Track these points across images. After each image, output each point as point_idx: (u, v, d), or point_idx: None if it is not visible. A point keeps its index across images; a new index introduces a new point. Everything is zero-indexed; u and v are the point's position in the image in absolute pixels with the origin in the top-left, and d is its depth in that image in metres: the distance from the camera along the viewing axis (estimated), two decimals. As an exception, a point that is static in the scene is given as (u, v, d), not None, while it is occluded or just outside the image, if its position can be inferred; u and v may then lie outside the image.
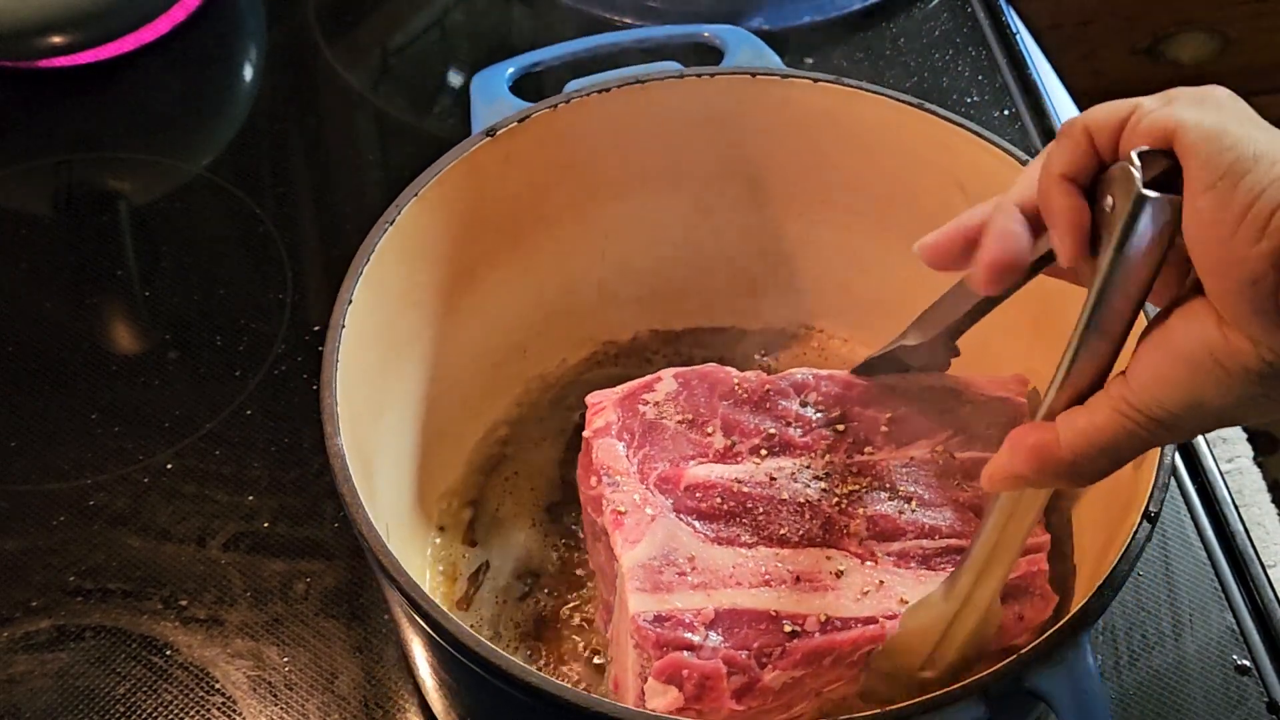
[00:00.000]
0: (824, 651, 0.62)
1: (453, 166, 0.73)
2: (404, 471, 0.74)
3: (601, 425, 0.70)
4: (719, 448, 0.69)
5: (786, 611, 0.63)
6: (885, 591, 0.64)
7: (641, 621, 0.62)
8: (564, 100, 0.76)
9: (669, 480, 0.67)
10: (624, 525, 0.66)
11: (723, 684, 0.61)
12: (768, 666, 0.62)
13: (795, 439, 0.70)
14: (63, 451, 0.85)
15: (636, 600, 0.63)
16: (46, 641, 0.77)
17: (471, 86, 0.80)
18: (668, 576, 0.64)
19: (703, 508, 0.67)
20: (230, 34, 1.13)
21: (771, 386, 0.71)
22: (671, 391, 0.71)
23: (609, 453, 0.68)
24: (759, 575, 0.64)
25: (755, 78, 0.78)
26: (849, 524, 0.67)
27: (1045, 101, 1.03)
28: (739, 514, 0.67)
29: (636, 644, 0.62)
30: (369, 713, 0.74)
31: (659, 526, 0.65)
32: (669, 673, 0.61)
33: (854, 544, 0.66)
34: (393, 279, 0.70)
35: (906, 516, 0.67)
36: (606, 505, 0.67)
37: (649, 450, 0.69)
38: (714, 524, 0.66)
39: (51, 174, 1.02)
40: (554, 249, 0.80)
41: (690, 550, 0.65)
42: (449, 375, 0.77)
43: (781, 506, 0.67)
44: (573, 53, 0.83)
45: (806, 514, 0.67)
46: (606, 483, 0.67)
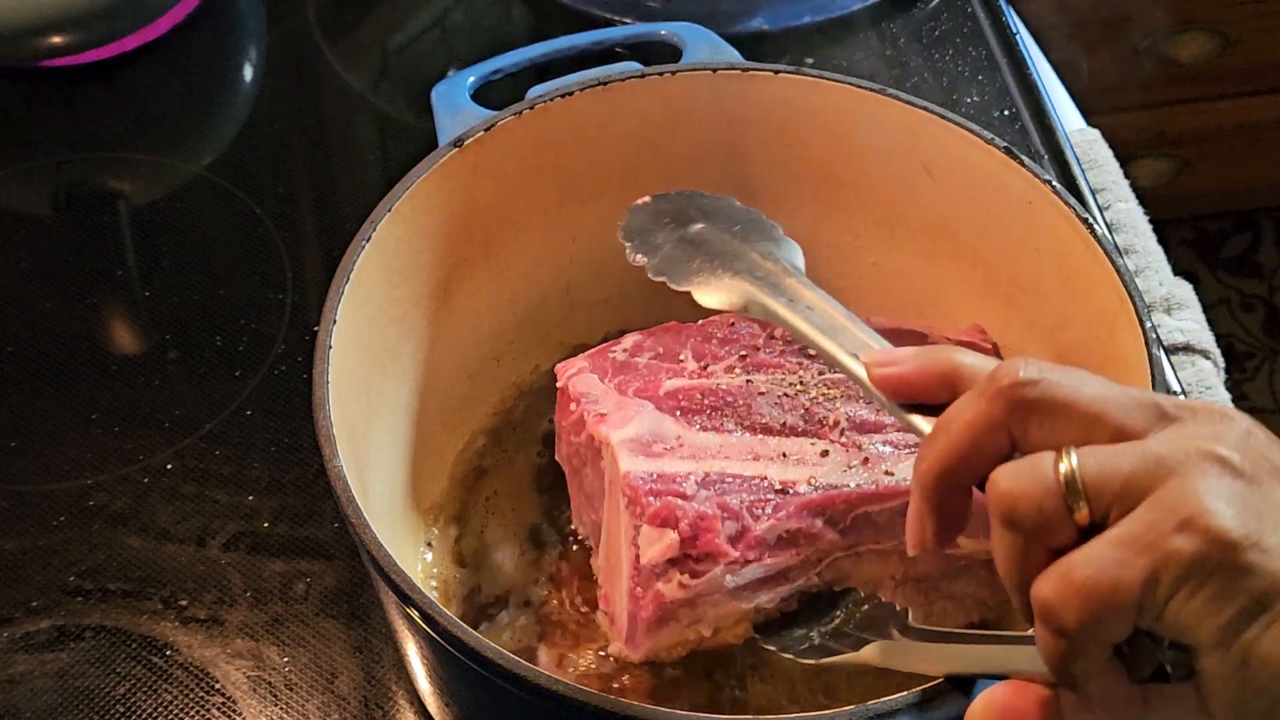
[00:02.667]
0: (816, 507, 0.63)
1: (424, 179, 0.73)
2: (394, 487, 0.75)
3: (574, 372, 0.71)
4: (692, 369, 0.70)
5: (777, 476, 0.64)
6: (871, 465, 0.65)
7: (634, 478, 0.63)
8: (528, 106, 0.76)
9: (645, 390, 0.68)
10: (608, 419, 0.67)
11: (717, 525, 0.62)
12: (760, 518, 0.62)
13: (767, 360, 0.71)
14: (63, 451, 0.85)
15: (628, 462, 0.64)
16: (46, 641, 0.77)
17: (433, 98, 0.80)
18: (657, 448, 0.65)
19: (684, 405, 0.68)
20: (230, 34, 1.13)
21: (736, 320, 0.73)
22: (638, 340, 0.73)
23: (584, 382, 0.70)
24: (748, 450, 0.65)
25: (716, 73, 0.78)
26: (828, 416, 0.67)
27: (1045, 101, 1.03)
28: (720, 408, 0.68)
29: (629, 501, 0.63)
30: (369, 713, 0.74)
31: (646, 415, 0.66)
32: (663, 515, 0.62)
33: (835, 433, 0.67)
34: (373, 295, 0.71)
35: (884, 417, 0.68)
36: (588, 414, 0.67)
37: (624, 377, 0.70)
38: (697, 416, 0.67)
39: (51, 174, 1.02)
40: (524, 255, 0.81)
41: (677, 432, 0.66)
42: (430, 387, 0.77)
43: (761, 400, 0.68)
44: (531, 58, 0.84)
45: (786, 406, 0.68)
46: (586, 403, 0.68)
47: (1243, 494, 0.43)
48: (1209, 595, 0.42)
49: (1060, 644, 0.44)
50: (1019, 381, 0.46)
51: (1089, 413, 0.46)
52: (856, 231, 0.81)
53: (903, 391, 0.53)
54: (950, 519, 0.49)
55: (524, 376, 0.84)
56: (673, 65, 0.79)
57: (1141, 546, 0.42)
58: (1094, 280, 0.69)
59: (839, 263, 0.82)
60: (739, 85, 0.78)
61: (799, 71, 0.78)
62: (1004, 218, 0.74)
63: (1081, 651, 0.44)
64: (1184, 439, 0.44)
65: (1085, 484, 0.44)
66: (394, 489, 0.75)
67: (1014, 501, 0.45)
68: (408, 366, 0.75)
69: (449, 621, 0.57)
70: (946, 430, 0.48)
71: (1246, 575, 0.42)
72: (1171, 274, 0.97)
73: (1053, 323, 0.73)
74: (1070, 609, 0.43)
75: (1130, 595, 0.42)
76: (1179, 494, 0.43)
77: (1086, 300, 0.70)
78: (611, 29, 0.87)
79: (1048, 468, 0.45)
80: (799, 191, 0.81)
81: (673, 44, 0.84)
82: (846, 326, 0.58)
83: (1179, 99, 1.68)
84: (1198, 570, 0.42)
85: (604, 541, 0.69)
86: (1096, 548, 0.43)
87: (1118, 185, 1.02)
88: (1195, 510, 0.42)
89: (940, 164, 0.75)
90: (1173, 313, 0.94)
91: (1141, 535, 0.42)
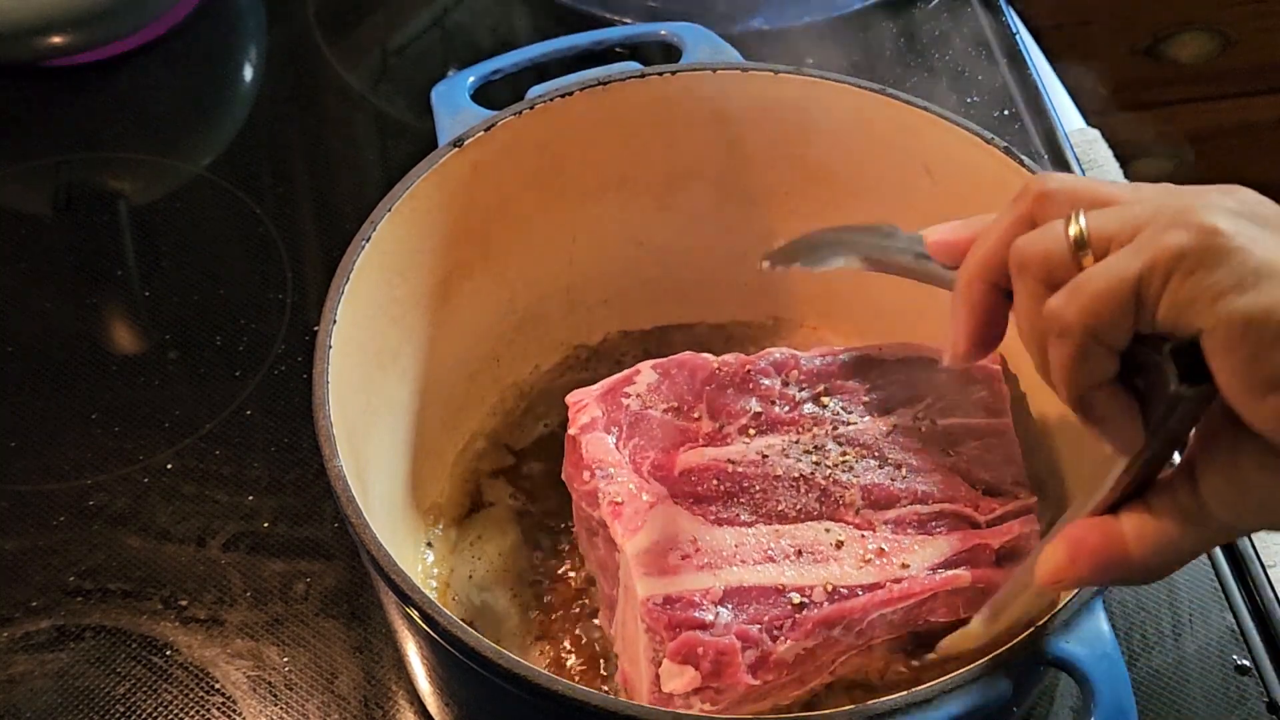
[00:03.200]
0: (833, 620, 0.63)
1: (424, 179, 0.73)
2: (394, 486, 0.75)
3: (587, 421, 0.70)
4: (707, 431, 0.70)
5: (792, 584, 0.64)
6: (887, 558, 0.65)
7: (652, 605, 0.62)
8: (527, 106, 0.76)
9: (662, 467, 0.68)
10: (623, 515, 0.66)
11: (738, 659, 0.62)
12: (779, 639, 0.62)
13: (781, 416, 0.70)
14: (63, 451, 0.85)
15: (644, 585, 0.63)
16: (46, 641, 0.77)
17: (433, 98, 0.80)
18: (673, 560, 0.64)
19: (699, 491, 0.67)
20: (230, 34, 1.13)
21: (751, 367, 0.72)
22: (652, 382, 0.72)
23: (599, 446, 0.69)
24: (762, 551, 0.65)
25: (715, 73, 0.78)
26: (843, 494, 0.68)
27: (1045, 101, 1.03)
28: (735, 494, 0.67)
29: (648, 628, 0.63)
30: (369, 712, 0.74)
31: (658, 512, 0.66)
32: (684, 652, 0.61)
33: (850, 514, 0.67)
34: (373, 295, 0.71)
35: (899, 484, 0.68)
36: (602, 497, 0.67)
37: (638, 440, 0.69)
38: (712, 505, 0.67)
39: (51, 174, 1.02)
40: (523, 255, 0.81)
41: (692, 533, 0.66)
42: (430, 388, 0.77)
43: (776, 483, 0.68)
44: (531, 58, 0.84)
45: (801, 488, 0.68)
46: (600, 475, 0.68)
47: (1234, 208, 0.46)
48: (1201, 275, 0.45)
49: (1066, 349, 0.47)
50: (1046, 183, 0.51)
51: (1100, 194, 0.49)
52: (856, 231, 0.81)
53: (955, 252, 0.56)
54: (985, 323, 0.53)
55: (524, 376, 0.84)
56: (672, 65, 0.79)
57: (1139, 251, 0.46)
58: (1094, 280, 0.69)
59: (838, 263, 0.82)
60: (739, 85, 0.78)
61: (799, 71, 0.78)
62: (1004, 218, 0.74)
63: (1087, 354, 0.47)
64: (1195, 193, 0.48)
65: (1091, 233, 0.48)
66: (394, 489, 0.75)
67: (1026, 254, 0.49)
68: (408, 366, 0.75)
69: (449, 621, 0.57)
70: (984, 235, 0.52)
71: (1238, 254, 0.44)
72: (1171, 274, 0.97)
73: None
74: (1073, 309, 0.46)
75: (1127, 286, 0.45)
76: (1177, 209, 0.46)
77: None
78: (611, 29, 0.87)
79: (1059, 228, 0.48)
80: (799, 191, 0.81)
81: (672, 44, 0.84)
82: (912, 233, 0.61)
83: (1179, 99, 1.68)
84: (1189, 255, 0.45)
85: (622, 645, 0.69)
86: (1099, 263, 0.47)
87: (1117, 185, 1.02)
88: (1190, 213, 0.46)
89: (940, 164, 0.75)
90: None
91: (1140, 243, 0.46)
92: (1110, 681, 0.55)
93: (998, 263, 0.51)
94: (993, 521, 0.68)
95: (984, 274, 0.52)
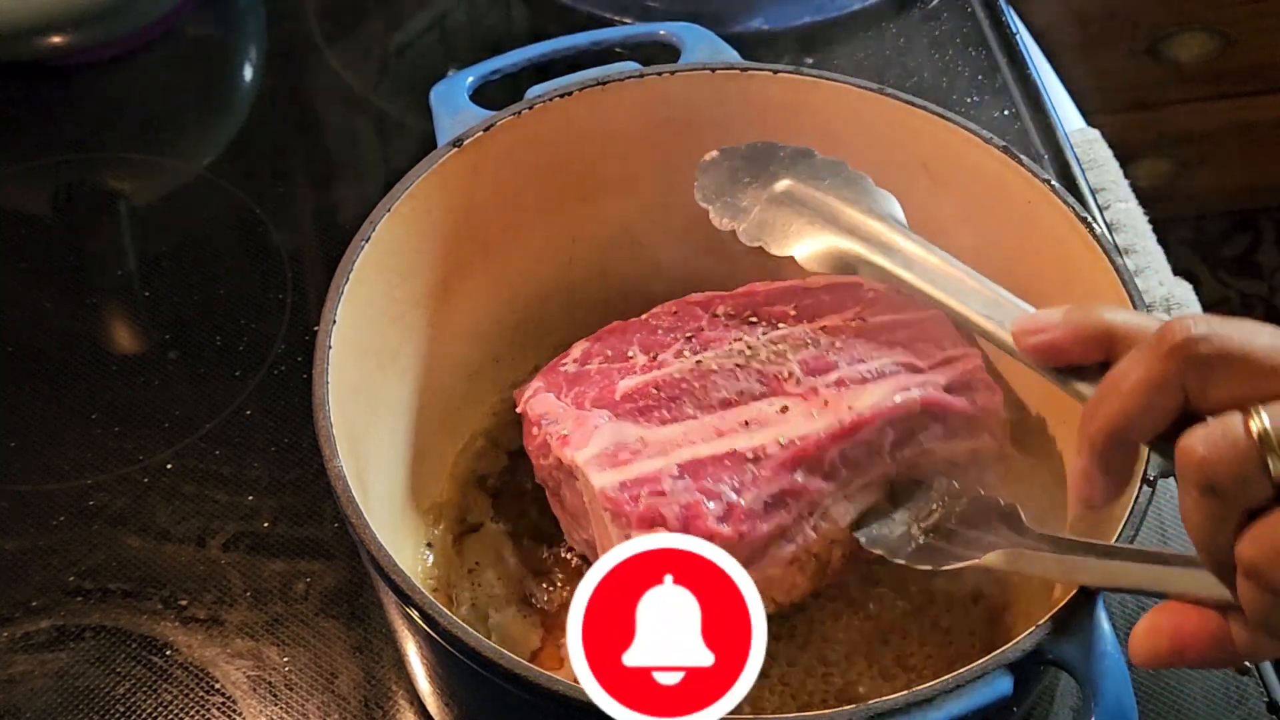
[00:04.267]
0: (791, 462, 0.64)
1: (423, 179, 0.73)
2: (394, 486, 0.75)
3: (530, 395, 0.71)
4: (642, 364, 0.70)
5: (745, 446, 0.64)
6: (832, 406, 0.66)
7: (609, 490, 0.63)
8: (527, 106, 0.76)
9: (602, 398, 0.69)
10: (570, 440, 0.67)
11: (703, 509, 0.62)
12: (741, 491, 0.63)
13: (713, 336, 0.71)
14: (63, 451, 0.85)
15: (599, 478, 0.64)
16: (46, 641, 0.77)
17: (432, 98, 0.80)
18: (623, 456, 0.65)
19: (641, 405, 0.68)
20: (230, 34, 1.13)
21: (679, 308, 0.74)
22: (585, 348, 0.73)
23: (542, 403, 0.70)
24: (710, 431, 0.66)
25: (715, 73, 0.78)
26: (781, 370, 0.68)
27: (1045, 101, 1.03)
28: (677, 397, 0.68)
29: (611, 516, 0.63)
30: (369, 712, 0.74)
31: (605, 428, 0.67)
32: (649, 517, 0.62)
33: (792, 385, 0.67)
34: (373, 296, 0.71)
35: (834, 355, 0.69)
36: (551, 439, 0.67)
37: (579, 389, 0.70)
38: (656, 412, 0.67)
39: (51, 174, 1.02)
40: (523, 255, 0.81)
41: (639, 435, 0.66)
42: (430, 388, 0.77)
43: (714, 377, 0.68)
44: (530, 58, 0.84)
45: (739, 376, 0.68)
46: (546, 424, 0.68)
47: None
48: None
49: (1269, 600, 0.45)
50: (1192, 337, 0.46)
51: (1265, 365, 0.45)
52: (856, 231, 0.81)
53: (1056, 358, 0.53)
54: (1118, 475, 0.50)
55: (524, 376, 0.84)
56: (671, 65, 0.79)
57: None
58: (1094, 280, 0.69)
59: (838, 262, 0.82)
60: (738, 85, 0.78)
61: (799, 71, 0.78)
62: (1004, 218, 0.74)
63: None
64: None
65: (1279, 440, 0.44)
66: (394, 489, 0.75)
67: (1211, 466, 0.45)
68: (407, 366, 0.75)
69: (449, 621, 0.57)
70: (1117, 390, 0.48)
71: None
72: (1171, 274, 0.97)
73: (1052, 323, 0.73)
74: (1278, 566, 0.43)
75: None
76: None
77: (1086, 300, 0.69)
78: (610, 29, 0.87)
79: (1239, 429, 0.44)
80: (797, 191, 0.81)
81: (671, 44, 0.84)
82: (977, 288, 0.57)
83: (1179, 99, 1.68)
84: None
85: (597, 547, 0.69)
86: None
87: (1118, 185, 1.02)
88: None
89: (940, 163, 0.75)
90: (1172, 313, 0.94)
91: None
92: (1111, 681, 0.55)
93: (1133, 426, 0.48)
94: (935, 365, 0.69)
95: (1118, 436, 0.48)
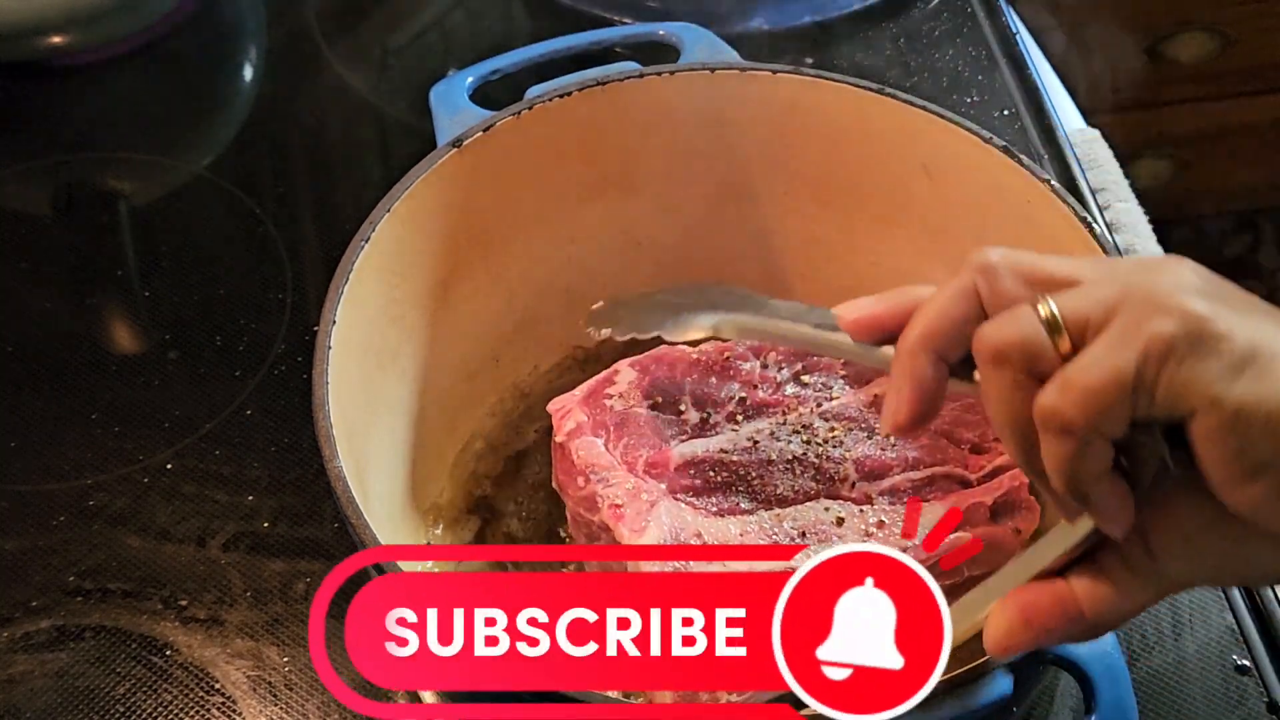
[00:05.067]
0: None
1: (423, 180, 0.73)
2: (394, 487, 0.75)
3: (573, 427, 0.70)
4: (694, 422, 0.70)
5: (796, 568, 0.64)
6: (887, 530, 0.67)
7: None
8: (526, 107, 0.76)
9: (656, 465, 0.68)
10: (625, 517, 0.66)
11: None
12: None
13: (766, 399, 0.71)
14: (63, 451, 0.85)
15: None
16: (46, 641, 0.77)
17: (432, 98, 0.80)
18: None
19: (697, 485, 0.68)
20: (230, 34, 1.13)
21: (729, 353, 0.73)
22: (633, 379, 0.72)
23: (590, 450, 0.69)
24: (767, 537, 0.66)
25: (715, 73, 0.78)
26: (837, 470, 0.69)
27: (1045, 101, 1.03)
28: (733, 483, 0.68)
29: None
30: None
31: (660, 510, 0.66)
32: None
33: (846, 489, 0.68)
34: (373, 296, 0.71)
35: (889, 453, 0.70)
36: (601, 501, 0.67)
37: (628, 440, 0.70)
38: (712, 498, 0.68)
39: (51, 174, 1.02)
40: (523, 256, 0.81)
41: (696, 527, 0.66)
42: (430, 388, 0.77)
43: (771, 467, 0.69)
44: (530, 58, 0.84)
45: (796, 469, 0.69)
46: (596, 480, 0.68)
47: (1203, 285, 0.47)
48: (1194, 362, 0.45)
49: (1067, 446, 0.47)
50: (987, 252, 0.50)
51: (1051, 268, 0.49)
52: (855, 231, 0.81)
53: (875, 329, 0.54)
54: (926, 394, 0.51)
55: (523, 377, 0.84)
56: (671, 65, 0.79)
57: (1127, 339, 0.46)
58: (1094, 280, 0.69)
59: (837, 262, 0.82)
60: (737, 85, 0.78)
61: (798, 71, 0.78)
62: (1003, 218, 0.74)
63: (1087, 448, 0.47)
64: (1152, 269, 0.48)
65: (1065, 317, 0.47)
66: (394, 489, 0.75)
67: (1001, 343, 0.48)
68: (407, 366, 0.75)
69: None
70: (928, 301, 0.51)
71: (1224, 339, 0.45)
72: (1171, 274, 0.97)
73: (1052, 323, 0.73)
74: (1074, 405, 0.46)
75: (1126, 380, 0.45)
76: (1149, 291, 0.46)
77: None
78: (610, 29, 0.87)
79: (1029, 311, 0.48)
80: (798, 191, 0.81)
81: (671, 44, 0.84)
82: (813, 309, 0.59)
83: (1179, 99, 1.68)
84: (1180, 342, 0.45)
85: None
86: (1087, 353, 0.46)
87: (1118, 185, 1.02)
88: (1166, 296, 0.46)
89: (940, 164, 0.75)
90: (1172, 313, 0.94)
91: (1125, 330, 0.46)
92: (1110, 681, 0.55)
93: (943, 335, 0.50)
94: (983, 478, 0.69)
95: (928, 346, 0.51)
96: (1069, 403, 0.46)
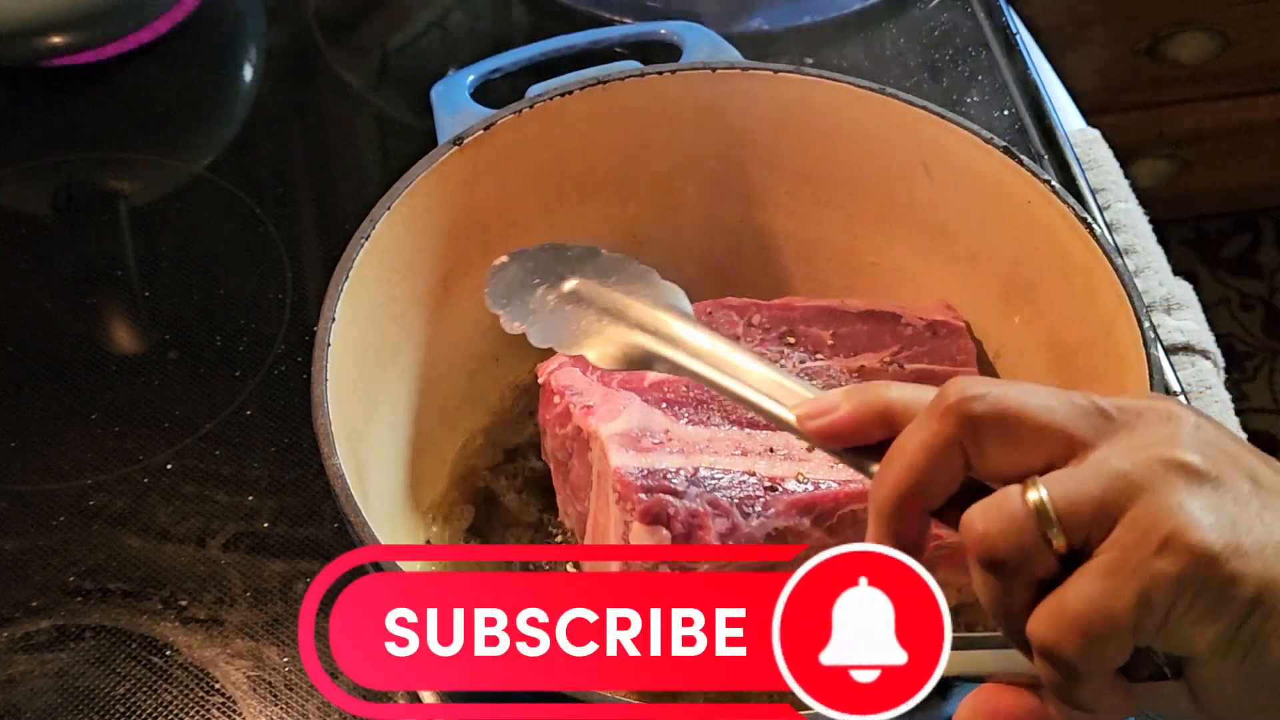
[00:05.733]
0: (806, 505, 0.64)
1: (423, 178, 0.73)
2: (393, 486, 0.75)
3: (554, 367, 0.72)
4: None
5: (765, 473, 0.64)
6: None
7: (624, 472, 0.63)
8: (527, 105, 0.76)
9: (630, 381, 0.69)
10: (595, 411, 0.67)
11: (709, 523, 0.62)
12: (750, 516, 0.63)
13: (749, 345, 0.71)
14: (63, 451, 0.85)
15: (618, 456, 0.64)
16: (46, 641, 0.77)
17: (433, 97, 0.80)
18: (645, 443, 0.65)
19: (670, 398, 0.68)
20: (230, 34, 1.13)
21: (713, 309, 0.74)
22: None
23: (567, 375, 0.70)
24: (735, 445, 0.66)
25: (715, 72, 0.78)
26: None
27: (1045, 101, 1.03)
28: (705, 401, 0.68)
29: (619, 497, 0.63)
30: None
31: (633, 408, 0.67)
32: (655, 512, 0.62)
33: None
34: (372, 294, 0.71)
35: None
36: (574, 408, 0.68)
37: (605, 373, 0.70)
38: (683, 409, 0.68)
39: (51, 174, 1.02)
40: (523, 254, 0.81)
41: (665, 425, 0.66)
42: (429, 386, 0.77)
43: None
44: (531, 56, 0.84)
45: None
46: (570, 395, 0.69)
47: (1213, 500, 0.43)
48: (1202, 609, 0.43)
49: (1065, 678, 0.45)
50: (966, 397, 0.46)
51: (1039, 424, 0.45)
52: (855, 231, 0.81)
53: (840, 437, 0.52)
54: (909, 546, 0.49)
55: (524, 376, 0.84)
56: (672, 65, 0.79)
57: (1128, 573, 0.43)
58: (1093, 280, 0.69)
59: (837, 262, 0.82)
60: (738, 85, 0.78)
61: (799, 71, 0.78)
62: (1003, 217, 0.74)
63: (1087, 679, 0.45)
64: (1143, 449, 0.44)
65: (1058, 513, 0.44)
66: (394, 489, 0.75)
67: (991, 541, 0.45)
68: (407, 365, 0.75)
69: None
70: (902, 453, 0.48)
71: (1234, 584, 0.42)
72: (1171, 274, 0.97)
73: (1052, 323, 0.73)
74: (1069, 644, 0.44)
75: (1126, 621, 0.43)
76: (1153, 512, 0.43)
77: (1085, 300, 0.70)
78: (611, 28, 0.87)
79: (1016, 501, 0.45)
80: (798, 191, 0.81)
81: (672, 43, 0.84)
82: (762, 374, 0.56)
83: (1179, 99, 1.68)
84: (1186, 587, 0.42)
85: (590, 533, 0.69)
86: (1084, 581, 0.44)
87: (1118, 185, 1.02)
88: (1173, 528, 0.43)
89: (939, 164, 0.75)
90: (1173, 313, 0.94)
91: (1126, 561, 0.43)
92: None
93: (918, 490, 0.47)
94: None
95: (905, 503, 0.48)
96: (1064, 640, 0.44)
